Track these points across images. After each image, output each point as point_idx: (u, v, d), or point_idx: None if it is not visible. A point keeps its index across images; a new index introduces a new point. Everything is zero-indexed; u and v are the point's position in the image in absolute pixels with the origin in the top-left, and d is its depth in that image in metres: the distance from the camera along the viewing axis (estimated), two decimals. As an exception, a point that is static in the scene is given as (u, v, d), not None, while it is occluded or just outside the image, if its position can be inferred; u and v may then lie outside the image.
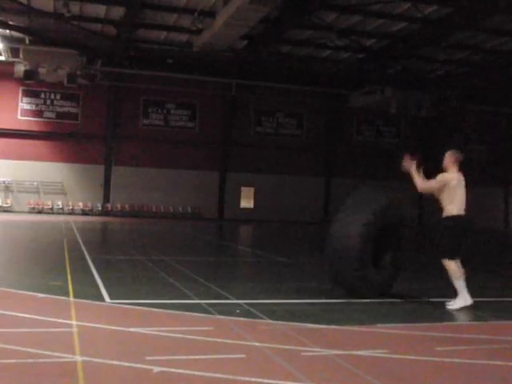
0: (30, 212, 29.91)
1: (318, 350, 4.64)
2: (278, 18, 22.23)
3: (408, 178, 6.86)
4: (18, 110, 30.35)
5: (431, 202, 7.33)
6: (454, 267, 6.55)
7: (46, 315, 5.51)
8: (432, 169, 6.95)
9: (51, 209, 30.43)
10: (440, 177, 6.70)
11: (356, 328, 5.57)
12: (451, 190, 6.59)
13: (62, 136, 30.63)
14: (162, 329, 5.13)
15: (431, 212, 34.98)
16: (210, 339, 4.84)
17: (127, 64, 28.44)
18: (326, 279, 8.06)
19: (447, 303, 6.70)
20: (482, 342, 5.20)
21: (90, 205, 30.97)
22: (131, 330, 5.07)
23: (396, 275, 7.36)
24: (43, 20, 23.41)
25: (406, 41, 24.50)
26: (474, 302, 6.66)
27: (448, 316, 6.40)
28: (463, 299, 6.57)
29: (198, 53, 24.84)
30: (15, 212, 29.45)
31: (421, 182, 6.70)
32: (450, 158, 6.81)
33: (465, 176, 6.79)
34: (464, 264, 6.79)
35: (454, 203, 6.59)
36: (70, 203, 30.76)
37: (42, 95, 30.60)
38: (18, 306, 5.90)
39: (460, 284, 6.57)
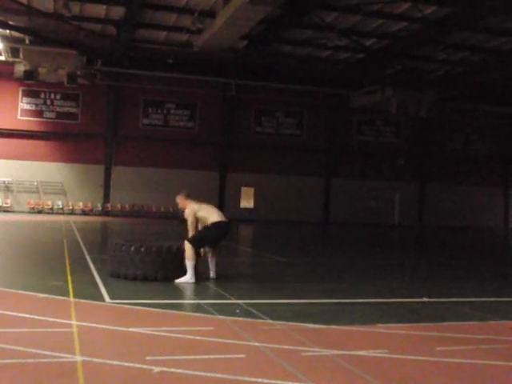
0: (30, 212, 29.90)
1: (317, 350, 4.64)
2: (278, 18, 22.22)
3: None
4: (18, 110, 30.33)
5: (430, 204, 7.35)
6: (190, 251, 7.92)
7: (45, 315, 5.51)
8: (431, 168, 6.98)
9: (51, 209, 30.42)
10: (187, 215, 8.25)
11: (356, 328, 5.57)
12: (202, 214, 8.26)
13: (61, 136, 30.64)
14: (162, 329, 5.13)
15: (431, 213, 35.15)
16: (210, 339, 4.84)
17: (127, 64, 28.40)
18: (325, 279, 8.06)
19: (177, 280, 7.87)
20: (482, 342, 5.20)
21: (89, 205, 30.96)
22: (131, 330, 5.08)
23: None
24: (43, 20, 23.37)
25: (406, 41, 24.49)
26: (475, 302, 6.66)
27: (448, 316, 6.40)
28: (189, 277, 7.92)
29: (198, 53, 24.81)
30: (15, 212, 29.44)
31: (191, 231, 8.16)
32: (182, 200, 8.40)
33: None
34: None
35: (211, 217, 8.22)
36: (70, 203, 30.75)
37: (42, 95, 30.58)
38: (18, 306, 5.90)
39: (190, 264, 7.93)
